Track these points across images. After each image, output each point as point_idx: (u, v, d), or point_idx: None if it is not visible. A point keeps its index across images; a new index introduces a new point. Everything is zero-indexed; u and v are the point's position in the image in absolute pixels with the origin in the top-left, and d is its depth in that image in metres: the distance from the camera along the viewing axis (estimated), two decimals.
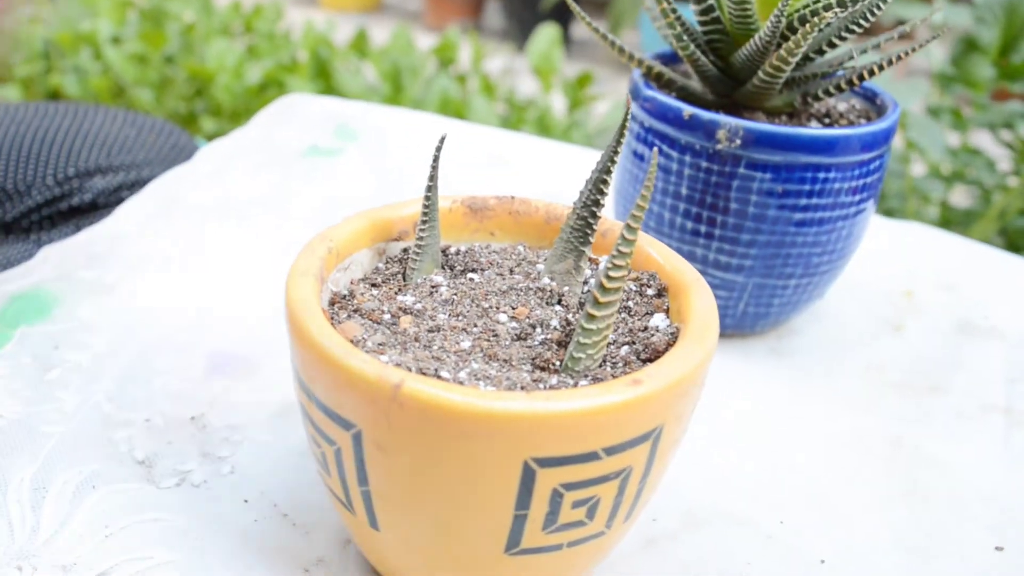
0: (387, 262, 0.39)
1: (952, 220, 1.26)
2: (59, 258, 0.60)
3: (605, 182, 0.36)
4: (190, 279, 0.58)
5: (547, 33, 1.62)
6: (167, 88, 1.63)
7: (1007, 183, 1.17)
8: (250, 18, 1.81)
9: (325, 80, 1.55)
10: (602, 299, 0.32)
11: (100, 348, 0.51)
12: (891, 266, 0.67)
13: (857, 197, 0.51)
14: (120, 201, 0.75)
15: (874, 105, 0.55)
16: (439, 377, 0.32)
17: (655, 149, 0.31)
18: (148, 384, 0.48)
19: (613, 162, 0.36)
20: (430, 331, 0.35)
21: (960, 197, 1.56)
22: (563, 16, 2.97)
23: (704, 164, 0.50)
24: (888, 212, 1.20)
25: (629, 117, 0.55)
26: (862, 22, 0.49)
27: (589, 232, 0.37)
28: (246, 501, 0.42)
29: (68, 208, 0.77)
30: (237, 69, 1.56)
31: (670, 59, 0.58)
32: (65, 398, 0.47)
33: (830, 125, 0.53)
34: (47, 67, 1.73)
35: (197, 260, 0.61)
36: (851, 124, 0.53)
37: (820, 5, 0.47)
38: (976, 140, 1.88)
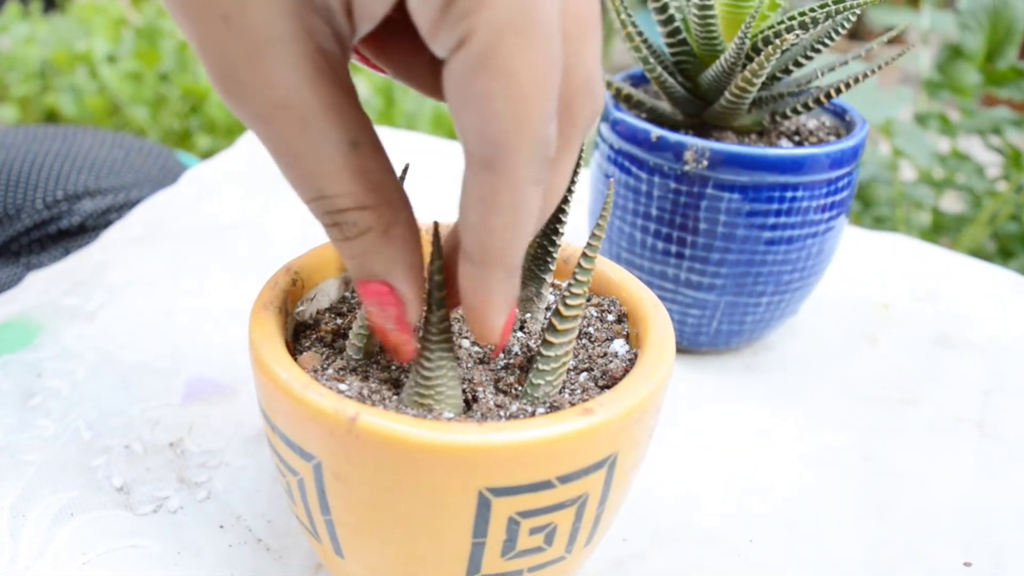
0: (354, 291, 0.40)
1: (944, 226, 1.26)
2: (44, 285, 0.60)
3: (563, 211, 0.37)
4: (171, 305, 0.59)
5: None
6: (162, 106, 1.64)
7: (997, 188, 1.17)
8: None
9: None
10: (560, 326, 0.33)
11: (80, 375, 0.51)
12: (868, 279, 0.68)
13: (826, 215, 0.51)
14: (108, 223, 0.76)
15: (843, 121, 0.56)
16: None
17: (611, 180, 0.32)
18: (127, 411, 0.49)
19: (570, 191, 0.36)
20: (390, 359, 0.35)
21: (951, 202, 1.56)
22: None
23: (673, 185, 0.50)
24: (878, 219, 1.20)
25: (594, 144, 0.56)
26: (827, 41, 0.49)
27: (549, 260, 0.37)
28: (221, 526, 0.42)
29: (57, 231, 0.78)
30: None
31: (640, 79, 0.58)
32: (46, 425, 0.48)
33: (800, 143, 0.54)
34: (43, 86, 1.74)
35: (178, 285, 0.61)
36: (820, 142, 0.54)
37: (783, 27, 0.48)
38: (965, 145, 1.88)
